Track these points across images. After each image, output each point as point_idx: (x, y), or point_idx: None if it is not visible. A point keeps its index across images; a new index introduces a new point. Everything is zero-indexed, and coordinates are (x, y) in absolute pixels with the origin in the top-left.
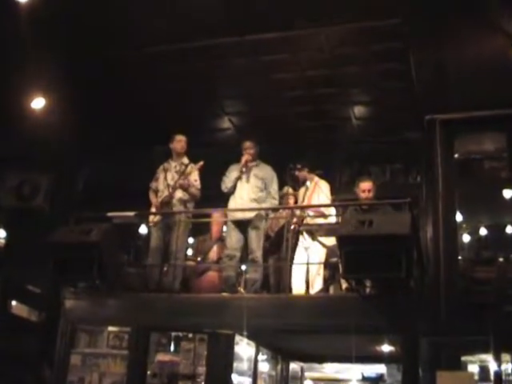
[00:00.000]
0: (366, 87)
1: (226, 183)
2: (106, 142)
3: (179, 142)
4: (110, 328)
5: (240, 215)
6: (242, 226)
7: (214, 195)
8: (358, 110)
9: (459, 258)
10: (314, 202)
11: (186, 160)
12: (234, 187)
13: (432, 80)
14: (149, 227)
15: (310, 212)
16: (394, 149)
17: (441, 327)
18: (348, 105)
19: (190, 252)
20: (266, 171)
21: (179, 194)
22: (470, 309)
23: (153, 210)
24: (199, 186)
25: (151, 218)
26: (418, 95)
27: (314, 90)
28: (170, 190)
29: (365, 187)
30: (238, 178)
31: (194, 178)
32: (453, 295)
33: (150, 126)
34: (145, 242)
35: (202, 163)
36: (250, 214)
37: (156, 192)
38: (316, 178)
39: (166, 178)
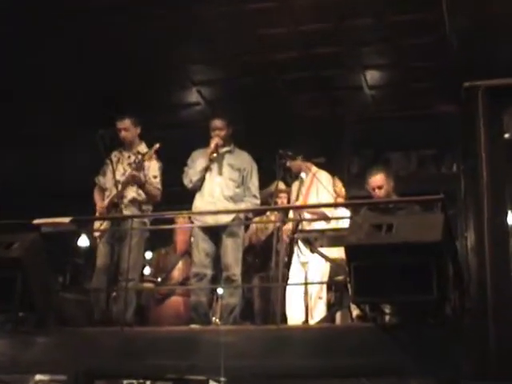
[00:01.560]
0: (383, 45)
1: (190, 176)
2: (29, 125)
3: (122, 130)
4: (39, 377)
5: (211, 220)
6: (215, 233)
7: (178, 194)
8: (372, 76)
9: None
10: (312, 200)
11: (143, 148)
12: (202, 181)
13: (473, 32)
14: (92, 238)
15: (307, 214)
16: (422, 128)
17: (489, 370)
18: (358, 69)
19: (147, 271)
20: (243, 160)
21: (132, 192)
22: None
23: (97, 214)
24: (159, 184)
25: (96, 225)
26: (452, 54)
27: (313, 49)
28: (120, 187)
29: (374, 183)
30: (207, 169)
31: (153, 172)
32: (505, 325)
33: (90, 103)
34: (86, 258)
35: (157, 145)
36: (225, 218)
37: (103, 190)
38: (314, 169)
39: (115, 173)
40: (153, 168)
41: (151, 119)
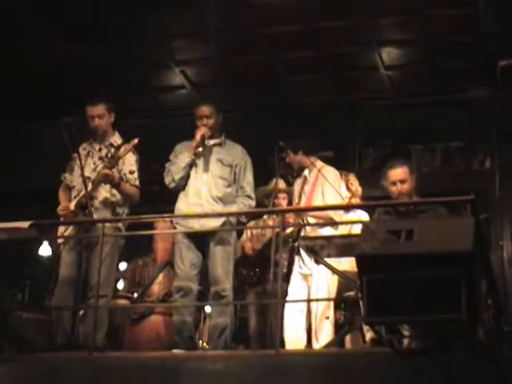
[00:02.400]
0: (402, 16)
1: (173, 173)
2: None
3: (95, 117)
4: None
5: (197, 224)
6: (201, 241)
7: (158, 194)
8: (389, 55)
9: None
10: (317, 201)
11: (116, 139)
12: (186, 180)
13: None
14: (55, 246)
15: (312, 218)
16: (448, 116)
17: None
18: (372, 46)
19: (120, 285)
20: (235, 154)
21: (104, 192)
22: None
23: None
24: (137, 181)
25: (60, 230)
26: (486, 27)
27: (318, 22)
28: (90, 186)
29: (396, 176)
30: (192, 165)
31: (130, 167)
32: None
33: (52, 86)
34: (49, 269)
35: (135, 141)
36: (214, 222)
37: (69, 189)
38: (319, 164)
39: (83, 169)
40: (128, 162)
41: (126, 105)
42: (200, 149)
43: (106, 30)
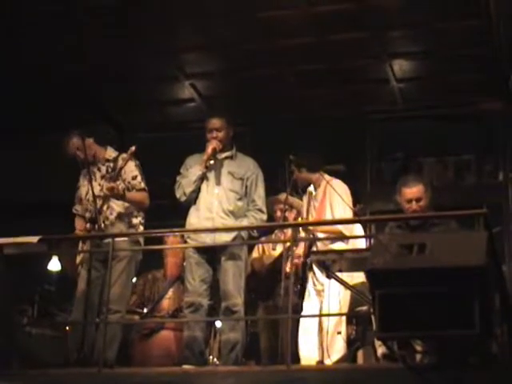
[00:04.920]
0: (413, 29)
1: (184, 187)
2: None
3: (73, 153)
4: None
5: (208, 239)
6: (212, 255)
7: (169, 208)
8: (400, 67)
9: None
10: (326, 215)
11: (111, 153)
12: (197, 193)
13: None
14: (62, 260)
15: (321, 233)
16: (461, 129)
17: None
18: (384, 58)
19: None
20: (246, 166)
21: (116, 207)
22: None
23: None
24: (143, 183)
25: (80, 247)
26: (498, 40)
27: (329, 35)
28: (99, 202)
29: (411, 195)
30: (203, 179)
31: (131, 173)
32: None
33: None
34: (58, 285)
35: (133, 149)
36: (225, 237)
37: (83, 218)
38: (327, 177)
39: (88, 194)
40: (129, 169)
41: (135, 118)
42: (211, 162)
43: (115, 42)
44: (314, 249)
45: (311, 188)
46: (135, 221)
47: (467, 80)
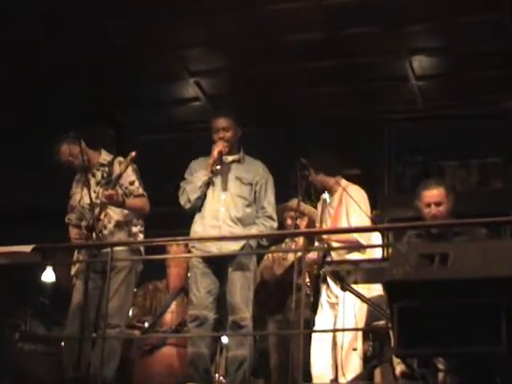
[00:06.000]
0: (434, 23)
1: (188, 193)
2: None
3: (66, 160)
4: None
5: (214, 248)
6: (218, 266)
7: (172, 215)
8: (420, 63)
9: None
10: (342, 223)
11: (105, 157)
12: (203, 200)
13: None
14: (57, 271)
15: (336, 242)
16: (485, 130)
17: None
18: (402, 54)
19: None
20: (255, 171)
21: (114, 215)
22: None
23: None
24: (141, 188)
25: (75, 256)
26: None
27: (342, 29)
28: (96, 210)
29: (431, 198)
30: (209, 184)
31: (129, 178)
32: None
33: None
34: (53, 297)
35: (133, 154)
36: (232, 246)
37: (79, 227)
38: (343, 182)
39: (82, 202)
40: (126, 174)
41: (136, 119)
42: (218, 166)
43: (118, 42)
44: (329, 259)
45: (325, 195)
46: (135, 229)
47: (491, 77)
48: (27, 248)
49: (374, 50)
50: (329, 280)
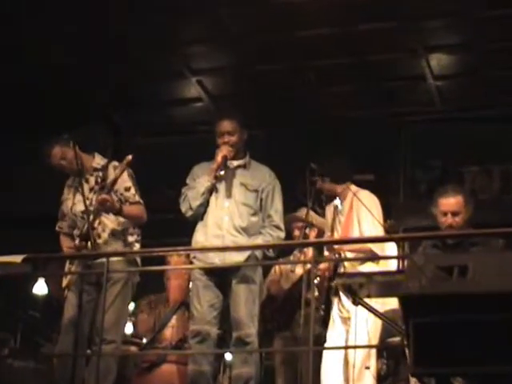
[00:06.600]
0: (453, 17)
1: (190, 200)
2: None
3: (56, 163)
4: None
5: (217, 259)
6: (222, 278)
7: (173, 224)
8: (439, 62)
9: None
10: (354, 231)
11: (99, 161)
12: (205, 207)
13: None
14: (50, 283)
15: (348, 252)
16: (508, 133)
17: None
18: (419, 52)
19: (127, 329)
20: (261, 177)
21: (109, 223)
22: None
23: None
24: (137, 196)
25: (66, 268)
26: None
27: (355, 25)
28: (90, 217)
29: (448, 207)
30: (211, 191)
31: (124, 184)
32: None
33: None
34: (45, 310)
35: (129, 157)
36: (236, 257)
37: (70, 235)
38: (353, 188)
39: (73, 209)
40: (121, 179)
41: (134, 121)
42: (222, 172)
43: (115, 38)
44: (342, 270)
45: (337, 201)
46: (131, 238)
47: None
48: (17, 258)
49: (388, 47)
50: (341, 293)
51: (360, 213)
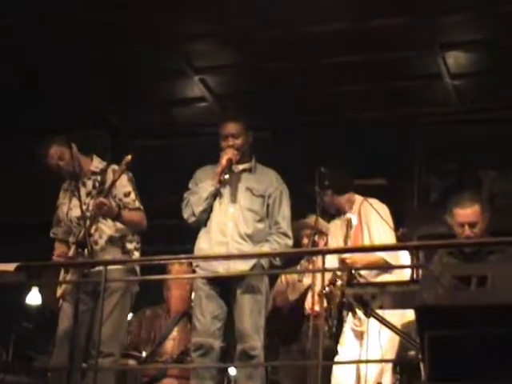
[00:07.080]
0: (471, 13)
1: (193, 205)
2: None
3: (54, 163)
4: None
5: (221, 268)
6: (226, 288)
7: (174, 230)
8: (456, 60)
9: None
10: (363, 240)
11: (97, 164)
12: (208, 213)
13: None
14: (44, 292)
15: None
16: None
17: None
18: (435, 49)
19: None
20: (268, 181)
21: (107, 229)
22: None
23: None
24: (137, 201)
25: (61, 276)
26: None
27: (367, 20)
28: (87, 223)
29: (464, 218)
30: (215, 196)
31: (123, 189)
32: None
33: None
34: (38, 321)
35: (129, 158)
36: (241, 266)
37: (65, 242)
38: (358, 197)
39: (69, 214)
40: (120, 184)
41: (134, 122)
42: (226, 176)
43: (115, 35)
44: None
45: (351, 215)
46: (130, 246)
47: None
48: (10, 267)
49: (402, 44)
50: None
51: (370, 221)
